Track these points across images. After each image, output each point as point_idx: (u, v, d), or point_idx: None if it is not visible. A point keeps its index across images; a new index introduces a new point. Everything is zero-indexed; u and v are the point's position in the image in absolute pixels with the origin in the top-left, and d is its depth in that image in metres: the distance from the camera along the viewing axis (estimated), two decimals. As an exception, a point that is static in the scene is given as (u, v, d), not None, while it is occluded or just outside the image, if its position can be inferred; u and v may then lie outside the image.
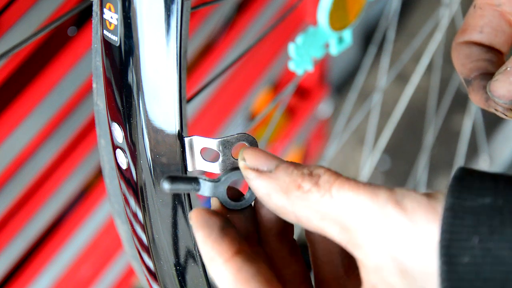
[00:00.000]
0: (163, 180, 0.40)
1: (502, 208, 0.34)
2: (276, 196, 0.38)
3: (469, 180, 0.35)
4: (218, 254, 0.39)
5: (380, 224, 0.35)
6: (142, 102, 0.40)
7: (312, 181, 0.38)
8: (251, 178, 0.39)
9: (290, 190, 0.38)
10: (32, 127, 0.82)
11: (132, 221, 0.45)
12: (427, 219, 0.35)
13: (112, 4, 0.39)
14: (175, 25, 0.39)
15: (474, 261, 0.33)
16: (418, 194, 0.35)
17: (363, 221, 0.36)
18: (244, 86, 1.15)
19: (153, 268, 0.46)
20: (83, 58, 0.84)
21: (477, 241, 0.33)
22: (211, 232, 0.39)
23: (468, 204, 0.34)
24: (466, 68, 0.49)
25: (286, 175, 0.38)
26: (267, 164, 0.39)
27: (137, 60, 0.39)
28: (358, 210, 0.36)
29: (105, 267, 1.00)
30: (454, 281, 0.33)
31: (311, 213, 0.37)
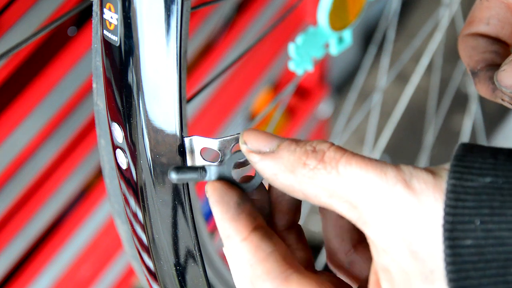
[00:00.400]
0: (170, 171, 0.40)
1: (502, 188, 0.34)
2: (283, 176, 0.38)
3: (470, 159, 0.35)
4: (235, 232, 0.39)
5: (390, 203, 0.35)
6: (142, 102, 0.40)
7: (317, 158, 0.37)
8: (256, 161, 0.39)
9: (296, 169, 0.38)
10: (32, 127, 0.82)
11: (132, 221, 0.45)
12: (435, 199, 0.35)
13: (112, 4, 0.39)
14: (175, 25, 0.39)
15: (476, 243, 0.34)
16: (424, 173, 0.36)
17: (372, 200, 0.36)
18: (244, 86, 1.14)
19: (153, 268, 0.46)
20: (83, 58, 0.84)
21: (478, 223, 0.34)
22: (228, 209, 0.40)
23: (469, 185, 0.34)
24: (472, 60, 0.49)
25: (289, 154, 0.38)
26: (268, 145, 0.39)
27: (137, 60, 0.39)
28: (366, 188, 0.36)
29: (105, 267, 1.00)
30: (458, 264, 0.34)
31: (319, 190, 0.37)
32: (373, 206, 0.36)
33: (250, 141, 0.40)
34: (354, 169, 0.36)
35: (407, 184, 0.35)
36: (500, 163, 0.35)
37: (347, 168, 0.37)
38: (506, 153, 0.36)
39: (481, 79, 0.48)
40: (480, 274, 0.34)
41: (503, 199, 0.34)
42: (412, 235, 0.35)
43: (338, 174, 0.37)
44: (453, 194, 0.34)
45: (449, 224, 0.34)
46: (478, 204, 0.34)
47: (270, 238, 0.39)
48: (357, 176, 0.36)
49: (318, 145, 0.38)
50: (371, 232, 0.36)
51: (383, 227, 0.36)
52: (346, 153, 0.37)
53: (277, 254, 0.39)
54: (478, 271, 0.34)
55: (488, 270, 0.34)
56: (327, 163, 0.37)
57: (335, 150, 0.37)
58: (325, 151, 0.38)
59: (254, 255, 0.38)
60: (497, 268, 0.34)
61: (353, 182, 0.36)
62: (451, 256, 0.34)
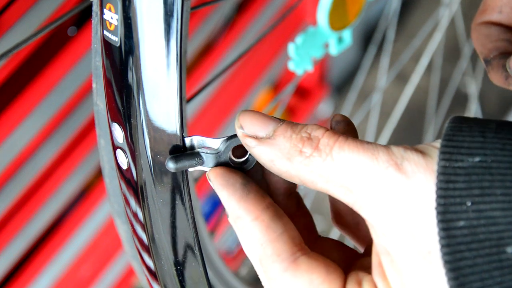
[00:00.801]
0: (167, 161, 0.41)
1: (491, 167, 0.35)
2: (279, 162, 0.39)
3: (459, 138, 0.36)
4: (245, 212, 0.39)
5: (383, 187, 0.36)
6: (142, 102, 0.40)
7: (313, 146, 0.38)
8: (252, 146, 0.40)
9: (292, 156, 0.38)
10: (32, 127, 0.82)
11: (132, 221, 0.45)
12: (426, 180, 0.35)
13: (112, 4, 0.39)
14: (175, 25, 0.39)
15: (469, 223, 0.34)
16: (415, 155, 0.36)
17: (366, 184, 0.37)
18: (244, 86, 1.15)
19: (154, 268, 0.46)
20: (83, 58, 0.84)
21: (470, 203, 0.34)
22: (235, 190, 0.40)
23: (459, 165, 0.35)
24: (485, 48, 0.50)
25: (285, 141, 0.39)
26: (264, 130, 0.40)
27: (137, 60, 0.39)
28: (359, 172, 0.37)
29: (105, 267, 1.00)
30: (452, 246, 0.35)
31: (315, 177, 0.38)
32: (368, 190, 0.36)
33: (246, 125, 0.40)
34: (347, 154, 0.37)
35: (398, 167, 0.36)
36: (488, 141, 0.35)
37: (340, 153, 0.37)
38: (493, 128, 0.36)
39: (494, 67, 0.48)
40: (474, 254, 0.34)
41: (492, 178, 0.35)
42: (408, 217, 0.36)
43: (333, 160, 0.37)
44: (444, 176, 0.35)
45: (442, 206, 0.35)
46: (468, 185, 0.35)
47: (280, 217, 0.40)
48: (350, 161, 0.37)
49: (313, 131, 0.39)
50: (368, 215, 0.37)
51: (379, 210, 0.36)
52: (339, 138, 0.38)
53: (287, 236, 0.39)
54: (472, 251, 0.34)
55: (482, 250, 0.34)
56: (321, 150, 0.38)
57: (329, 136, 0.38)
58: (320, 138, 0.38)
59: (265, 235, 0.39)
60: (490, 247, 0.34)
61: (347, 167, 0.37)
62: (445, 238, 0.35)
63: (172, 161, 0.41)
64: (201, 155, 0.42)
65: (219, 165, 0.42)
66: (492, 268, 0.34)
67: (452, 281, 0.35)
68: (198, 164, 0.42)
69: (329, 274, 0.38)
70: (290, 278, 0.38)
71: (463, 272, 0.34)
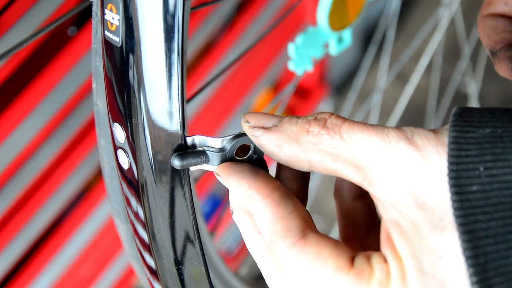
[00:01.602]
0: (173, 158, 0.41)
1: (502, 136, 0.35)
2: (287, 146, 0.39)
3: (468, 115, 0.37)
4: (256, 191, 0.40)
5: (393, 161, 0.37)
6: (144, 101, 0.40)
7: (320, 124, 0.39)
8: (259, 135, 0.40)
9: (300, 137, 0.39)
10: (32, 127, 0.82)
11: (133, 221, 0.45)
12: (437, 153, 0.36)
13: (114, 4, 0.39)
14: (177, 25, 0.39)
15: (482, 188, 0.35)
16: (426, 131, 0.37)
17: (376, 160, 0.37)
18: (244, 86, 1.15)
19: (155, 267, 0.46)
20: (83, 58, 0.84)
21: (482, 169, 0.35)
22: (244, 175, 0.40)
23: (470, 135, 0.36)
24: (492, 40, 0.50)
25: (292, 125, 0.40)
26: (271, 121, 0.40)
27: (139, 60, 0.39)
28: (369, 149, 0.37)
29: (105, 267, 1.00)
30: (466, 209, 0.35)
31: (323, 156, 0.38)
32: (378, 166, 0.37)
33: (253, 119, 0.41)
34: (356, 133, 0.38)
35: (409, 140, 0.37)
36: (498, 116, 0.36)
37: (350, 132, 0.38)
38: (501, 110, 0.37)
39: (501, 59, 0.49)
40: (488, 217, 0.35)
41: (504, 145, 0.35)
42: (419, 188, 0.36)
43: (342, 139, 0.38)
44: (456, 145, 0.36)
45: (454, 172, 0.35)
46: (480, 152, 0.35)
47: (290, 197, 0.40)
48: (360, 140, 0.37)
49: (319, 115, 0.39)
50: (377, 190, 0.37)
51: (389, 184, 0.37)
52: (347, 120, 0.39)
53: (297, 214, 0.39)
54: (486, 214, 0.35)
55: (496, 213, 0.35)
56: (330, 128, 0.38)
57: (336, 118, 0.39)
58: (327, 118, 0.39)
59: (275, 212, 0.39)
60: (504, 210, 0.35)
61: (356, 145, 0.37)
62: (458, 202, 0.35)
63: (178, 158, 0.41)
64: (206, 153, 0.42)
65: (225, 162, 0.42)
66: (506, 232, 0.35)
67: (466, 243, 0.35)
68: (203, 162, 0.42)
69: (337, 248, 0.38)
70: (298, 252, 0.38)
71: (477, 235, 0.35)
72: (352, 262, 0.38)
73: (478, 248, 0.35)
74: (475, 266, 0.35)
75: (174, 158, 0.41)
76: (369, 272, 0.37)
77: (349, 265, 0.38)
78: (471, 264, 0.35)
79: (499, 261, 0.35)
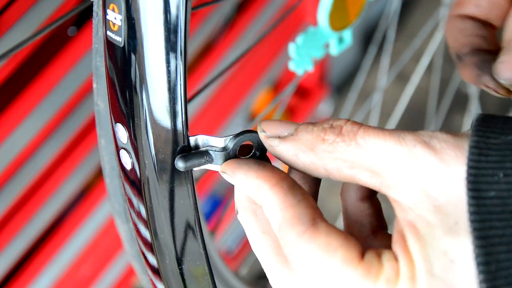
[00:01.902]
0: (177, 160, 0.41)
1: None
2: (303, 155, 0.39)
3: (491, 121, 0.36)
4: (264, 180, 0.39)
5: (411, 165, 0.36)
6: (147, 102, 0.40)
7: (335, 132, 0.39)
8: (275, 144, 0.40)
9: (316, 145, 0.39)
10: (32, 127, 0.82)
11: (135, 221, 0.45)
12: (456, 157, 0.36)
13: (116, 4, 0.39)
14: (179, 25, 0.39)
15: (500, 194, 0.34)
16: (444, 134, 0.37)
17: (393, 164, 0.37)
18: (244, 86, 1.14)
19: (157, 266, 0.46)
20: (83, 58, 0.84)
21: (502, 175, 0.35)
22: (250, 167, 0.40)
23: (492, 141, 0.35)
24: (458, 43, 0.49)
25: (307, 134, 0.39)
26: (286, 130, 0.40)
27: (141, 60, 0.39)
28: (386, 154, 0.37)
29: (105, 267, 1.00)
30: (482, 214, 0.35)
31: (340, 163, 0.38)
32: (395, 170, 0.37)
33: (269, 128, 0.41)
34: (372, 139, 0.37)
35: (426, 144, 0.36)
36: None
37: (366, 138, 0.38)
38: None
39: (466, 64, 0.47)
40: (504, 224, 0.34)
41: None
42: (436, 191, 0.36)
43: (358, 145, 0.38)
44: (476, 150, 0.35)
45: (473, 176, 0.35)
46: (501, 158, 0.35)
47: (298, 187, 0.40)
48: (376, 145, 0.37)
49: (335, 122, 0.39)
50: (395, 194, 0.37)
51: (407, 187, 0.36)
52: (362, 125, 0.38)
53: (307, 202, 0.39)
54: (502, 221, 0.34)
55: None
56: (345, 135, 0.38)
57: (352, 124, 0.39)
58: (342, 125, 0.39)
59: (284, 201, 0.39)
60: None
61: (373, 150, 0.37)
62: (475, 206, 0.35)
63: (182, 160, 0.41)
64: (209, 153, 0.42)
65: None
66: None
67: (478, 249, 0.34)
68: (207, 162, 0.42)
69: (348, 241, 0.38)
70: (307, 241, 0.38)
71: (491, 241, 0.34)
72: (362, 256, 0.37)
73: (490, 254, 0.34)
74: (485, 273, 0.34)
75: (177, 160, 0.41)
76: (378, 268, 0.37)
77: (359, 258, 0.37)
78: (482, 271, 0.34)
79: (511, 269, 0.34)
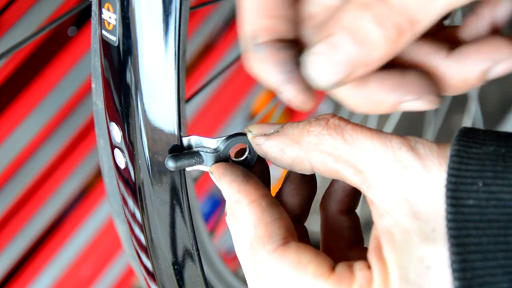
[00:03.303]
0: (167, 160, 0.41)
1: (505, 155, 0.35)
2: (289, 149, 0.39)
3: (474, 132, 0.37)
4: (243, 196, 0.40)
5: (394, 168, 0.37)
6: (140, 101, 0.40)
7: (321, 124, 0.39)
8: (261, 142, 0.40)
9: (301, 138, 0.39)
10: (32, 127, 0.82)
11: (130, 221, 0.45)
12: (439, 164, 0.36)
13: (111, 4, 0.39)
14: (174, 25, 0.39)
15: (478, 203, 0.35)
16: (429, 142, 0.37)
17: (377, 165, 0.37)
18: (244, 86, 1.15)
19: (151, 268, 0.46)
20: (83, 58, 0.84)
21: (481, 184, 0.35)
22: (235, 177, 0.41)
23: (473, 151, 0.36)
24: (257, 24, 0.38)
25: (293, 128, 0.40)
26: (272, 128, 0.41)
27: (135, 60, 0.39)
28: (371, 154, 0.37)
29: (105, 267, 1.00)
30: (459, 222, 0.35)
31: (324, 156, 0.38)
32: (378, 170, 0.37)
33: (255, 128, 0.41)
34: (359, 136, 0.38)
35: (411, 148, 0.37)
36: (502, 137, 0.36)
37: (353, 135, 0.38)
38: (506, 133, 0.37)
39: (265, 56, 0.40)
40: (481, 233, 0.34)
41: (505, 164, 0.35)
42: (416, 197, 0.36)
43: (345, 141, 0.38)
44: (457, 158, 0.35)
45: (452, 184, 0.35)
46: (481, 168, 0.35)
47: (277, 206, 0.40)
48: (362, 143, 0.37)
49: (320, 116, 0.39)
50: (375, 195, 0.37)
51: (387, 190, 0.37)
52: (350, 122, 0.39)
53: (281, 222, 0.39)
54: (479, 229, 0.34)
55: (489, 229, 0.34)
56: (331, 129, 0.38)
57: (339, 119, 0.39)
58: (329, 119, 0.39)
59: (260, 218, 0.39)
60: (498, 228, 0.34)
61: (358, 148, 0.37)
62: (453, 214, 0.35)
63: (172, 160, 0.41)
64: (200, 154, 0.42)
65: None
66: (497, 250, 0.34)
67: (455, 256, 0.34)
68: (197, 163, 0.42)
69: (318, 256, 0.38)
70: (277, 259, 0.38)
71: (468, 249, 0.34)
72: (332, 269, 0.38)
73: (466, 262, 0.34)
74: (461, 280, 0.34)
75: (168, 159, 0.41)
76: (349, 278, 0.37)
77: (330, 271, 0.37)
78: (458, 278, 0.34)
79: (486, 278, 0.34)
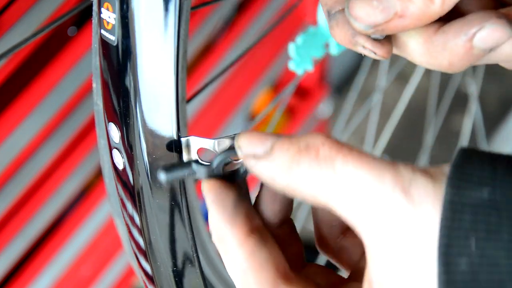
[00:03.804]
0: (159, 171, 0.40)
1: (499, 203, 0.33)
2: (279, 178, 0.37)
3: (468, 171, 0.34)
4: (231, 235, 0.38)
5: (387, 210, 0.34)
6: (139, 102, 0.40)
7: (311, 156, 0.36)
8: (252, 165, 0.38)
9: (291, 169, 0.37)
10: (32, 127, 0.82)
11: (128, 222, 0.45)
12: (433, 208, 0.34)
13: (110, 3, 0.39)
14: (173, 25, 0.38)
15: (471, 269, 0.33)
16: (424, 180, 0.34)
17: (369, 204, 0.35)
18: (244, 86, 1.15)
19: (150, 272, 0.46)
20: (83, 58, 0.84)
21: (474, 243, 0.33)
22: (224, 209, 0.39)
23: (466, 201, 0.33)
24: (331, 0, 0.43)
25: (283, 154, 0.37)
26: (262, 147, 0.38)
27: (134, 60, 0.39)
28: (363, 190, 0.35)
29: (105, 267, 1.00)
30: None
31: (315, 190, 0.36)
32: (370, 212, 0.35)
33: (245, 146, 0.38)
34: (351, 169, 0.35)
35: (405, 191, 0.34)
36: (498, 175, 0.34)
37: (344, 168, 0.35)
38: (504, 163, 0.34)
39: (339, 23, 0.42)
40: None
41: (499, 214, 0.33)
42: (408, 249, 0.34)
43: (335, 173, 0.35)
44: (450, 210, 0.34)
45: (445, 247, 0.33)
46: (474, 221, 0.33)
47: (265, 243, 0.39)
48: (354, 177, 0.35)
49: (311, 140, 0.37)
50: (368, 239, 0.35)
51: (381, 236, 0.35)
52: (342, 149, 0.36)
53: (271, 264, 0.38)
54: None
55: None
56: (321, 160, 0.36)
57: (330, 147, 0.36)
58: (319, 147, 0.36)
59: (247, 262, 0.38)
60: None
61: (350, 182, 0.35)
62: (445, 283, 0.33)
63: (163, 172, 0.40)
64: (193, 167, 0.41)
65: (212, 176, 0.41)
66: None
67: None
68: (190, 175, 0.41)
69: None
70: None
71: None
72: None
73: None
74: None
75: (160, 172, 0.40)
76: None
77: None
78: None
79: None
